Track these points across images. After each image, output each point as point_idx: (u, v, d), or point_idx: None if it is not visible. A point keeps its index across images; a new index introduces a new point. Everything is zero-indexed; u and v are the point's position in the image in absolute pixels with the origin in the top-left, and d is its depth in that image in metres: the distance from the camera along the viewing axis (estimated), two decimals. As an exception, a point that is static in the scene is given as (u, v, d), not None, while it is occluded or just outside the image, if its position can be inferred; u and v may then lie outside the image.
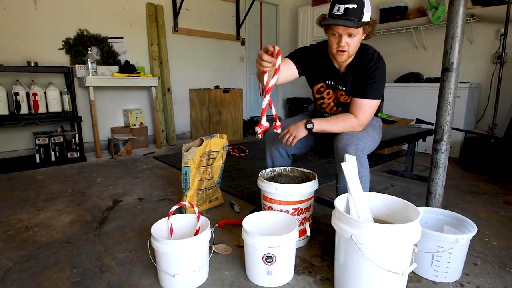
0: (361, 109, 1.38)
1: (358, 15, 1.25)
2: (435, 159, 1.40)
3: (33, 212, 1.82)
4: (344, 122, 1.39)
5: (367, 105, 1.38)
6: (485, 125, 3.32)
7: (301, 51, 1.54)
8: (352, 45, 1.34)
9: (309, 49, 1.52)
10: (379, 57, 1.40)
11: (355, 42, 1.34)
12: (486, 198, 2.05)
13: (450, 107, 1.33)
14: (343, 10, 1.24)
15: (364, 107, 1.38)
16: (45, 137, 2.84)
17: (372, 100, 1.38)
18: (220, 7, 4.33)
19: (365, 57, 1.40)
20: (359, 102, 1.39)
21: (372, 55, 1.40)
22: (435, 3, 3.35)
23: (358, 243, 0.96)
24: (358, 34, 1.32)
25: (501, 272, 1.25)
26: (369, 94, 1.37)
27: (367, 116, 1.39)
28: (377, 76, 1.37)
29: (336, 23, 1.26)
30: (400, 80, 3.56)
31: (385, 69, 1.41)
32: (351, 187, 1.15)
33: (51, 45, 3.05)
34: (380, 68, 1.38)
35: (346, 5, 1.24)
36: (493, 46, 3.22)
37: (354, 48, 1.36)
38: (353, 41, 1.33)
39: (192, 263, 1.12)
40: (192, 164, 1.68)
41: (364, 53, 1.41)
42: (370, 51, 1.42)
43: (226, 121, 4.12)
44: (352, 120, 1.39)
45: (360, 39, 1.37)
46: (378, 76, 1.37)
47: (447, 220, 1.32)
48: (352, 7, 1.24)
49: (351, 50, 1.36)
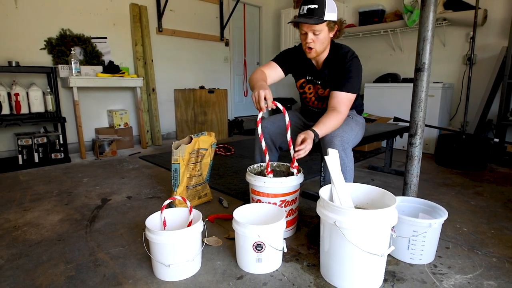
0: (341, 102, 1.48)
1: (319, 14, 1.40)
2: (410, 152, 1.51)
3: (20, 213, 1.82)
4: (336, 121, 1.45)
5: (345, 98, 1.48)
6: (458, 122, 3.52)
7: (284, 53, 1.70)
8: (317, 42, 1.47)
9: (292, 50, 1.68)
10: (353, 55, 1.53)
11: (321, 39, 1.46)
12: (459, 190, 2.20)
13: (422, 104, 1.45)
14: (306, 10, 1.41)
15: (343, 99, 1.48)
16: (28, 138, 2.80)
17: (349, 93, 1.49)
18: (204, 8, 4.38)
19: (339, 55, 1.53)
20: (338, 95, 1.49)
21: (346, 53, 1.53)
22: (410, 7, 3.53)
23: (341, 228, 1.05)
24: (323, 31, 1.45)
25: (470, 253, 1.37)
26: (346, 87, 1.48)
27: (346, 107, 1.49)
28: (353, 71, 1.49)
29: (298, 20, 1.42)
30: (378, 80, 3.71)
31: (359, 66, 1.53)
32: (334, 178, 1.23)
33: (33, 44, 3.01)
34: (355, 64, 1.50)
35: (308, 6, 1.40)
36: (464, 49, 3.43)
37: (320, 44, 1.48)
38: (319, 38, 1.46)
39: (186, 253, 1.17)
40: (181, 161, 1.73)
41: (339, 51, 1.55)
42: (344, 49, 1.55)
43: (211, 121, 4.16)
44: (338, 116, 1.46)
45: (326, 36, 1.48)
46: (354, 72, 1.49)
47: (422, 208, 1.43)
48: (314, 7, 1.39)
49: (318, 46, 1.48)
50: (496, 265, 1.28)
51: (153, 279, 1.19)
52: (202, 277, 1.21)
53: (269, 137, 1.70)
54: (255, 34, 5.27)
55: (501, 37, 3.16)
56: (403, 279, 1.19)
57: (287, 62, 1.67)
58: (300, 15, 1.43)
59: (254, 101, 1.40)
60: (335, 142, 1.42)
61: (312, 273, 1.23)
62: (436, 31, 3.47)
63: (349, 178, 1.46)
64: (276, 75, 1.66)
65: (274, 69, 1.66)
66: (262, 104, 1.37)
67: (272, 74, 1.64)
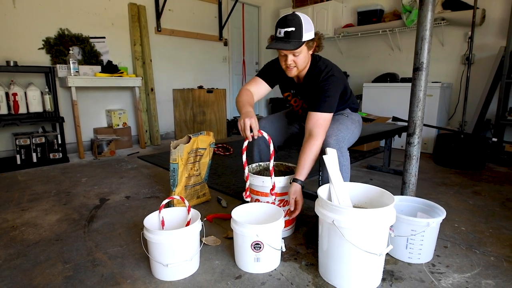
0: (317, 123, 1.43)
1: (297, 36, 1.35)
2: (408, 151, 1.51)
3: (18, 212, 1.81)
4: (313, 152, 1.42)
5: (322, 118, 1.44)
6: (456, 122, 3.53)
7: (268, 66, 1.67)
8: (299, 62, 1.44)
9: (275, 63, 1.63)
10: (329, 72, 1.47)
11: (301, 59, 1.43)
12: (457, 189, 2.20)
13: (421, 103, 1.45)
14: (283, 33, 1.36)
15: (319, 120, 1.44)
16: (26, 138, 2.79)
17: (326, 113, 1.44)
18: (203, 8, 4.37)
19: (316, 72, 1.50)
20: (315, 116, 1.44)
21: (322, 71, 1.48)
22: (409, 7, 3.53)
23: (339, 227, 1.05)
24: (302, 52, 1.41)
25: (468, 253, 1.37)
26: (323, 108, 1.44)
27: (324, 129, 1.45)
28: (329, 91, 1.44)
29: (275, 46, 1.38)
30: (377, 80, 3.72)
31: (337, 83, 1.47)
32: (332, 177, 1.23)
33: (31, 44, 3.00)
34: (330, 83, 1.45)
35: (285, 29, 1.35)
36: (462, 48, 3.43)
37: (302, 63, 1.46)
38: (299, 58, 1.42)
39: (184, 252, 1.17)
40: (180, 161, 1.73)
41: (315, 67, 1.51)
42: (321, 66, 1.50)
43: (210, 120, 4.16)
44: (315, 143, 1.41)
45: (306, 55, 1.45)
46: (330, 91, 1.44)
47: (420, 207, 1.43)
48: (291, 30, 1.34)
49: (299, 66, 1.46)
50: (494, 264, 1.28)
51: (151, 278, 1.19)
52: (201, 276, 1.20)
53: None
54: (254, 34, 5.27)
55: (499, 37, 3.17)
56: (401, 278, 1.19)
57: (270, 76, 1.65)
58: (277, 38, 1.39)
59: (240, 129, 1.40)
60: (330, 141, 1.41)
61: (310, 273, 1.22)
62: (435, 31, 3.48)
63: (346, 177, 1.45)
64: (262, 90, 1.66)
65: (259, 85, 1.65)
66: (248, 133, 1.37)
67: (258, 90, 1.64)
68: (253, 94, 1.62)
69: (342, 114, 1.66)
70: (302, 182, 1.40)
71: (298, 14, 1.37)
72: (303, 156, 1.42)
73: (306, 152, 1.41)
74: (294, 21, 1.35)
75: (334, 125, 1.51)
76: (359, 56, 4.32)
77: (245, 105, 1.50)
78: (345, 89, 1.60)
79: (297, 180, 1.40)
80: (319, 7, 4.31)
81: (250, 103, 1.54)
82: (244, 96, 1.57)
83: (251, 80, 1.68)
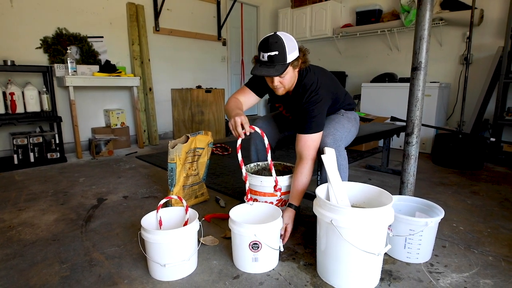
0: (306, 145, 1.43)
1: (281, 60, 1.32)
2: (407, 151, 1.51)
3: (15, 212, 1.80)
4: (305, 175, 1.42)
5: (310, 140, 1.43)
6: (454, 122, 3.53)
7: (256, 78, 1.61)
8: (285, 82, 1.41)
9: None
10: (312, 92, 1.43)
11: (288, 79, 1.41)
12: (455, 189, 2.20)
13: (419, 103, 1.45)
14: (267, 57, 1.32)
15: (308, 142, 1.43)
16: (24, 137, 2.78)
17: (314, 134, 1.43)
18: (201, 7, 4.37)
19: (302, 89, 1.46)
20: (304, 138, 1.43)
21: (306, 90, 1.44)
22: (407, 7, 3.54)
23: (337, 227, 1.04)
24: (288, 73, 1.37)
25: (467, 252, 1.37)
26: (311, 130, 1.42)
27: (314, 149, 1.44)
28: (313, 112, 1.42)
29: (260, 73, 1.34)
30: (375, 80, 3.72)
31: (322, 101, 1.44)
32: (331, 176, 1.23)
33: (29, 43, 2.98)
34: (315, 104, 1.42)
35: (269, 53, 1.31)
36: (460, 48, 3.44)
37: (289, 83, 1.43)
38: (285, 79, 1.40)
39: (182, 252, 1.16)
40: (178, 161, 1.72)
41: (301, 83, 1.47)
42: (306, 83, 1.45)
43: (209, 120, 4.15)
44: (306, 167, 1.42)
45: (292, 75, 1.41)
46: (315, 112, 1.42)
47: (419, 206, 1.43)
48: (274, 54, 1.30)
49: (286, 85, 1.43)
50: (493, 263, 1.28)
51: (148, 279, 1.18)
52: (198, 276, 1.20)
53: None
54: (252, 34, 5.26)
55: (497, 37, 3.17)
56: (400, 278, 1.19)
57: (259, 87, 1.63)
58: (261, 62, 1.35)
59: (231, 128, 1.39)
60: (327, 141, 1.41)
61: (308, 272, 1.22)
62: (433, 31, 3.48)
63: (344, 177, 1.45)
64: (250, 100, 1.64)
65: (248, 95, 1.64)
66: (239, 130, 1.35)
67: (246, 100, 1.62)
68: (242, 102, 1.61)
69: (337, 114, 1.65)
70: (296, 207, 1.42)
71: (280, 36, 1.32)
72: (295, 181, 1.43)
73: (298, 177, 1.42)
74: (277, 44, 1.30)
75: (330, 124, 1.50)
76: (357, 56, 4.32)
77: (234, 109, 1.49)
78: (336, 98, 1.58)
79: (292, 205, 1.41)
80: (317, 7, 4.31)
81: (239, 107, 1.53)
82: (232, 103, 1.57)
83: (240, 90, 1.66)
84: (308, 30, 4.45)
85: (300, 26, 4.53)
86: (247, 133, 1.37)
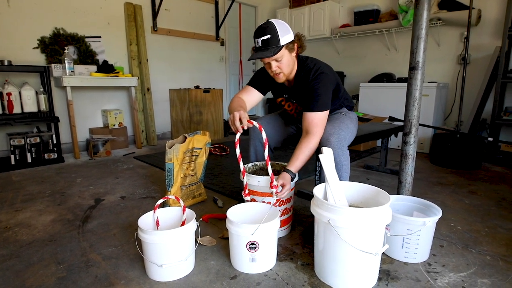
0: (313, 122, 1.44)
1: (275, 42, 1.36)
2: (404, 151, 1.51)
3: (11, 213, 1.79)
4: (309, 149, 1.43)
5: (317, 118, 1.44)
6: (452, 122, 3.54)
7: (258, 74, 1.67)
8: (283, 66, 1.44)
9: (264, 70, 1.61)
10: (318, 71, 1.46)
11: (285, 63, 1.43)
12: (453, 189, 2.21)
13: (417, 103, 1.45)
14: (261, 42, 1.38)
15: (315, 120, 1.44)
16: (21, 138, 2.77)
17: (321, 112, 1.44)
18: (200, 7, 4.36)
19: (305, 72, 1.50)
20: (310, 116, 1.44)
21: (310, 70, 1.47)
22: (405, 7, 3.54)
23: (335, 227, 1.04)
24: (284, 56, 1.41)
25: (464, 252, 1.37)
26: (317, 107, 1.43)
27: (321, 127, 1.45)
28: (319, 89, 1.44)
29: (255, 56, 1.39)
30: (374, 80, 3.72)
31: (328, 80, 1.47)
32: (328, 176, 1.23)
33: (26, 43, 2.97)
34: (320, 81, 1.45)
35: (261, 38, 1.37)
36: (458, 48, 3.44)
37: (287, 67, 1.45)
38: (283, 63, 1.42)
39: (179, 253, 1.16)
40: (175, 161, 1.72)
41: (304, 67, 1.51)
42: (309, 65, 1.50)
43: (207, 121, 4.15)
44: (311, 140, 1.43)
45: (289, 58, 1.44)
46: (320, 89, 1.44)
47: (416, 206, 1.43)
48: (267, 38, 1.36)
49: (285, 70, 1.46)
50: (490, 263, 1.28)
51: (145, 279, 1.18)
52: (196, 277, 1.19)
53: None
54: (251, 34, 5.21)
55: (494, 37, 3.18)
56: (398, 278, 1.19)
57: (261, 84, 1.65)
58: (256, 48, 1.41)
59: (230, 123, 1.40)
60: (332, 140, 1.41)
61: (306, 272, 1.22)
62: (431, 31, 3.49)
63: (345, 177, 1.45)
64: (254, 98, 1.66)
65: (251, 94, 1.65)
66: (237, 124, 1.35)
67: (250, 98, 1.64)
68: (246, 102, 1.62)
69: (340, 113, 1.66)
70: (292, 173, 1.40)
71: (272, 21, 1.38)
72: (297, 151, 1.42)
73: (302, 148, 1.42)
74: (268, 28, 1.36)
75: (335, 123, 1.51)
76: (355, 56, 4.33)
77: (236, 107, 1.50)
78: (338, 86, 1.59)
79: (288, 170, 1.40)
80: (316, 7, 4.31)
81: (241, 105, 1.54)
82: (235, 102, 1.58)
83: (243, 89, 1.68)
84: (306, 30, 4.45)
85: (298, 26, 4.53)
86: (244, 127, 1.37)
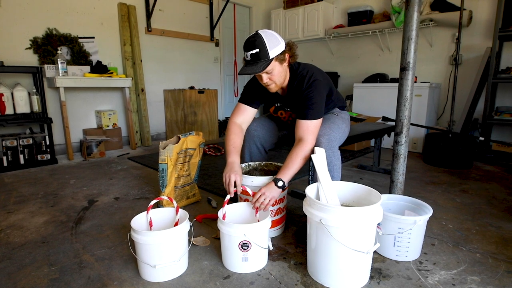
0: (307, 130, 1.43)
1: (264, 56, 1.34)
2: (396, 150, 1.53)
3: (3, 215, 1.78)
4: (302, 157, 1.41)
5: (312, 125, 1.44)
6: (445, 121, 3.58)
7: (248, 89, 1.64)
8: (275, 78, 1.42)
9: (254, 82, 1.61)
10: (311, 78, 1.45)
11: (276, 74, 1.42)
12: (445, 188, 2.23)
13: (408, 103, 1.46)
14: (250, 56, 1.36)
15: (310, 127, 1.44)
16: (13, 139, 2.74)
17: (315, 120, 1.44)
18: (194, 8, 4.36)
19: (297, 80, 1.49)
20: (305, 124, 1.44)
21: (304, 77, 1.46)
22: (398, 8, 3.57)
23: (326, 226, 1.05)
24: (275, 68, 1.39)
25: (455, 250, 1.39)
26: (311, 115, 1.43)
27: (313, 135, 1.44)
28: (314, 98, 1.43)
29: (245, 72, 1.38)
30: (367, 80, 3.75)
31: (321, 87, 1.47)
32: (321, 176, 1.24)
33: (18, 44, 2.95)
34: (315, 89, 1.44)
35: (251, 52, 1.35)
36: (450, 49, 3.48)
37: (279, 78, 1.44)
38: (274, 75, 1.41)
39: (172, 253, 1.16)
40: (169, 161, 1.72)
41: (297, 75, 1.49)
42: (302, 73, 1.48)
43: (202, 121, 4.14)
44: (305, 148, 1.41)
45: (280, 70, 1.42)
46: (315, 98, 1.44)
47: (408, 205, 1.45)
48: (256, 52, 1.34)
49: (277, 81, 1.44)
50: (480, 260, 1.30)
51: (138, 280, 1.18)
52: (189, 277, 1.20)
53: (259, 140, 1.71)
54: (245, 35, 5.26)
55: (485, 38, 3.22)
56: (389, 276, 1.20)
57: (253, 98, 1.63)
58: (246, 62, 1.40)
59: (224, 183, 1.40)
60: (322, 141, 1.42)
61: (299, 272, 1.23)
62: (423, 32, 3.52)
63: (337, 177, 1.47)
64: (249, 116, 1.65)
65: (245, 113, 1.64)
66: (231, 189, 1.36)
67: (245, 119, 1.64)
68: (242, 124, 1.62)
69: (332, 113, 1.67)
70: (282, 182, 1.35)
71: (260, 33, 1.35)
72: (289, 159, 1.40)
73: (294, 156, 1.39)
74: (256, 42, 1.34)
75: (326, 124, 1.51)
76: (349, 56, 4.35)
77: (231, 152, 1.49)
78: (331, 90, 1.60)
79: (278, 180, 1.35)
80: (310, 8, 4.33)
81: (236, 147, 1.53)
82: (231, 135, 1.56)
83: (236, 109, 1.65)
84: (301, 31, 4.47)
85: (292, 26, 4.55)
86: (238, 193, 1.39)
